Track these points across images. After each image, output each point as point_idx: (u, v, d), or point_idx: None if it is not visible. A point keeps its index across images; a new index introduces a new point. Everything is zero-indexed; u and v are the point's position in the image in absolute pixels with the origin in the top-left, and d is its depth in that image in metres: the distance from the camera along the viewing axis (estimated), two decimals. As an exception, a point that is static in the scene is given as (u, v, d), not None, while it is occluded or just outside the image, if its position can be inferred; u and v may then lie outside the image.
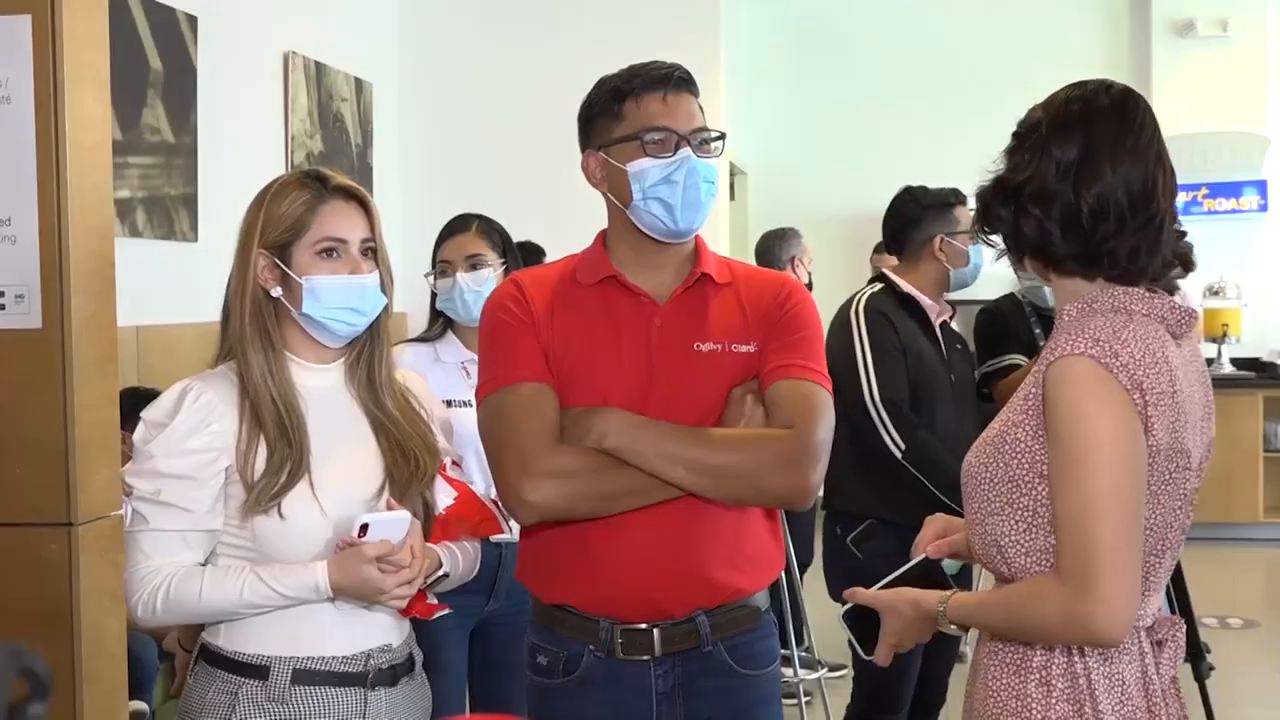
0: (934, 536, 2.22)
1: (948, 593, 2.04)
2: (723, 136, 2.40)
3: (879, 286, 3.85)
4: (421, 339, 3.52)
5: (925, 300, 3.82)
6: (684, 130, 2.32)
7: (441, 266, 3.48)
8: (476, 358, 3.39)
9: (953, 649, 3.95)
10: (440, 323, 3.51)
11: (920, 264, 3.84)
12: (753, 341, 2.35)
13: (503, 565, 3.21)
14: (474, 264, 3.43)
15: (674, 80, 2.33)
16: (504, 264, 3.49)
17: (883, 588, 2.14)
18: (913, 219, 3.85)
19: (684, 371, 2.31)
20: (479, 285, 3.40)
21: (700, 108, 2.38)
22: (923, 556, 2.18)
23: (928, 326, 3.82)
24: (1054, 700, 1.93)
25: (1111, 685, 1.93)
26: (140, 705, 4.18)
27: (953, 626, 2.04)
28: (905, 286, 3.81)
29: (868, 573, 2.51)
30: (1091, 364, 1.85)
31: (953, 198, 3.88)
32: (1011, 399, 1.99)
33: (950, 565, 2.21)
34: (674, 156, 2.30)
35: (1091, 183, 1.91)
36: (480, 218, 3.56)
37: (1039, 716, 1.94)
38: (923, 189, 3.93)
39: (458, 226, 3.54)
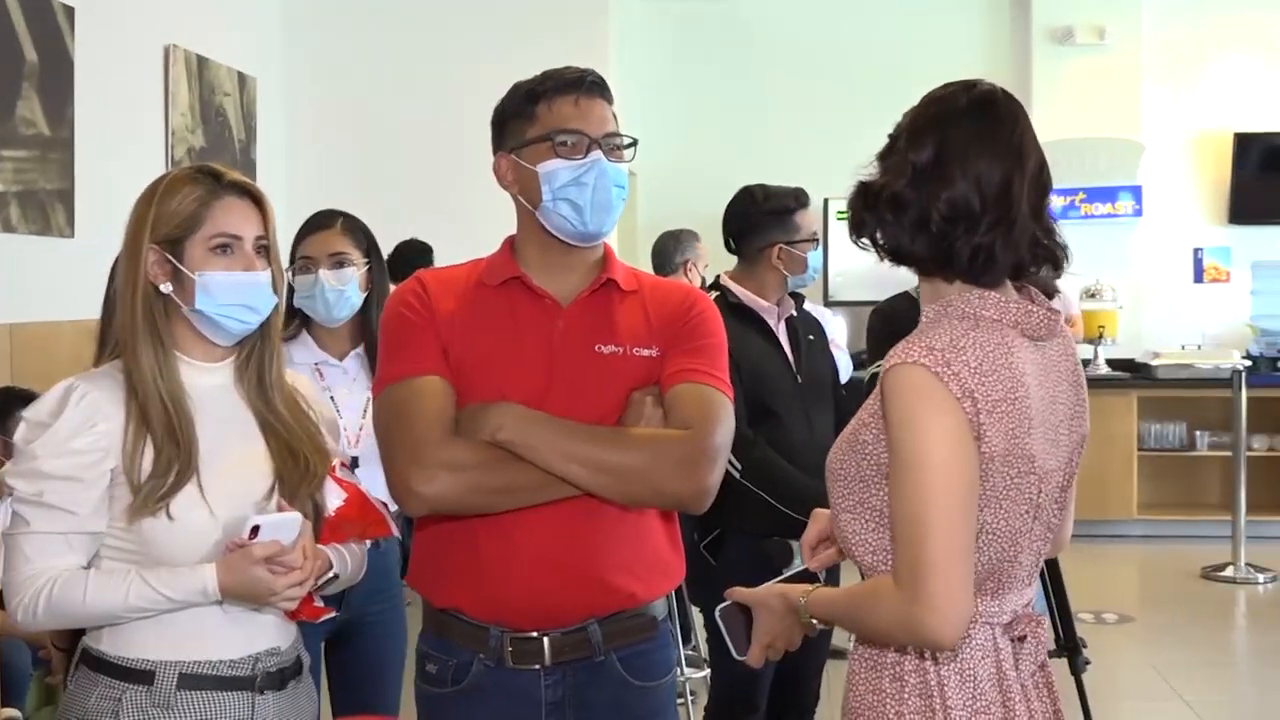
0: (818, 535, 2.24)
1: (811, 586, 2.06)
2: (635, 143, 2.39)
3: (712, 295, 3.70)
4: None
5: (761, 304, 3.74)
6: (596, 134, 2.32)
7: (302, 263, 3.33)
8: (331, 360, 3.36)
9: (823, 649, 3.94)
10: (295, 323, 3.36)
11: (757, 269, 3.76)
12: (655, 346, 2.34)
13: None
14: (338, 262, 3.31)
15: (587, 84, 2.33)
16: (368, 264, 3.40)
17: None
18: (752, 224, 3.76)
19: (584, 372, 2.30)
20: (342, 284, 3.29)
21: (614, 114, 2.38)
22: (803, 568, 2.20)
23: (767, 330, 3.75)
24: (906, 695, 1.96)
25: (962, 681, 1.96)
26: (13, 712, 4.08)
27: (814, 620, 2.06)
28: (739, 295, 3.74)
29: (721, 579, 2.53)
30: (923, 372, 1.87)
31: (794, 201, 3.79)
32: (869, 401, 2.01)
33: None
34: (585, 159, 2.30)
35: (942, 187, 1.93)
36: (345, 215, 3.44)
37: (893, 712, 1.97)
38: (764, 189, 3.82)
39: (321, 222, 3.40)
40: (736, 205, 3.85)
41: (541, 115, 2.32)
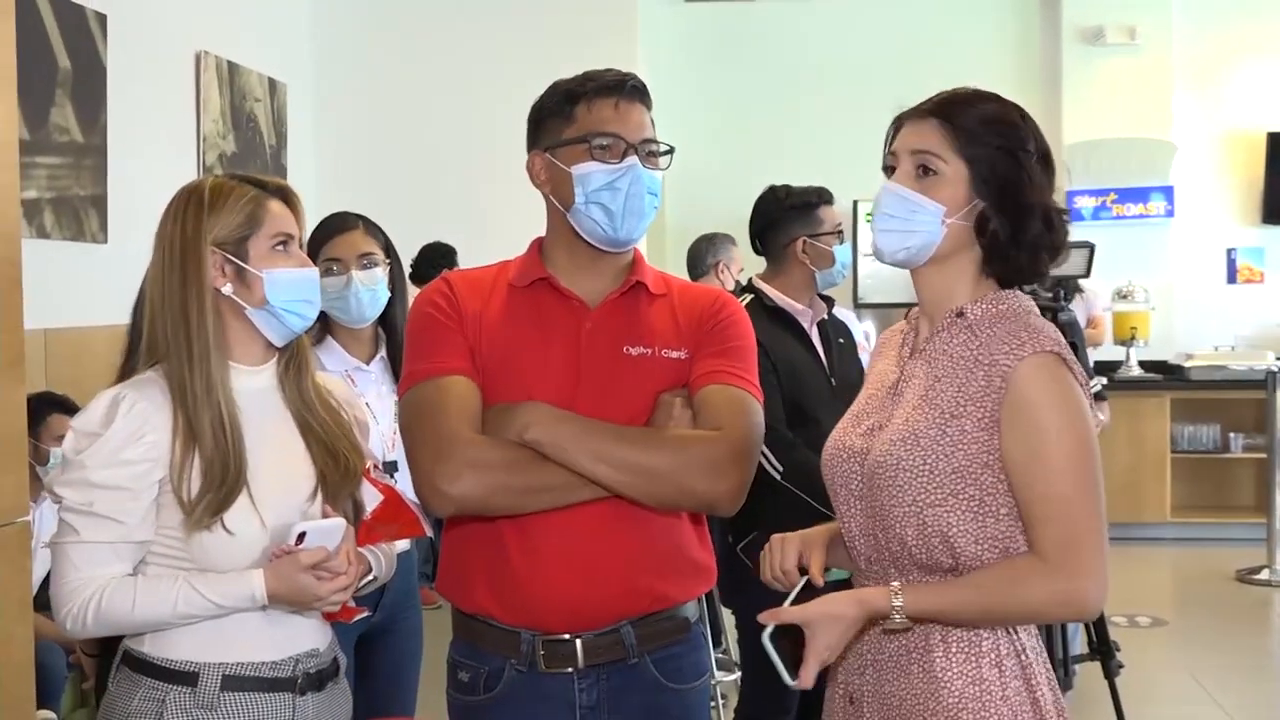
0: (795, 559, 2.22)
1: (896, 585, 2.02)
2: (671, 150, 2.37)
3: (748, 299, 3.73)
4: None
5: (795, 307, 3.74)
6: (633, 139, 2.30)
7: (328, 265, 3.31)
8: (361, 365, 3.36)
9: None
10: (317, 327, 3.26)
11: (784, 267, 3.76)
12: (684, 348, 2.33)
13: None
14: (367, 262, 3.33)
15: (628, 88, 2.32)
16: (389, 264, 3.41)
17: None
18: (773, 220, 3.78)
19: (612, 374, 2.29)
20: (373, 284, 3.30)
21: (652, 120, 2.36)
22: (805, 580, 2.17)
23: (801, 333, 3.75)
24: (1007, 679, 2.01)
25: (1037, 655, 2.06)
26: (48, 714, 4.11)
27: (898, 620, 2.02)
28: (773, 297, 3.74)
29: (756, 582, 2.50)
30: (1057, 360, 1.98)
31: (816, 197, 3.80)
32: (930, 393, 2.05)
33: (838, 573, 2.21)
34: (620, 164, 2.28)
35: (1050, 194, 2.08)
36: (361, 217, 3.45)
37: (998, 696, 2.00)
38: (786, 188, 3.85)
39: (343, 225, 3.40)
40: (760, 204, 3.88)
41: (580, 117, 2.30)
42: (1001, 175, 2.04)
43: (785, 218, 3.77)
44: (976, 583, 1.99)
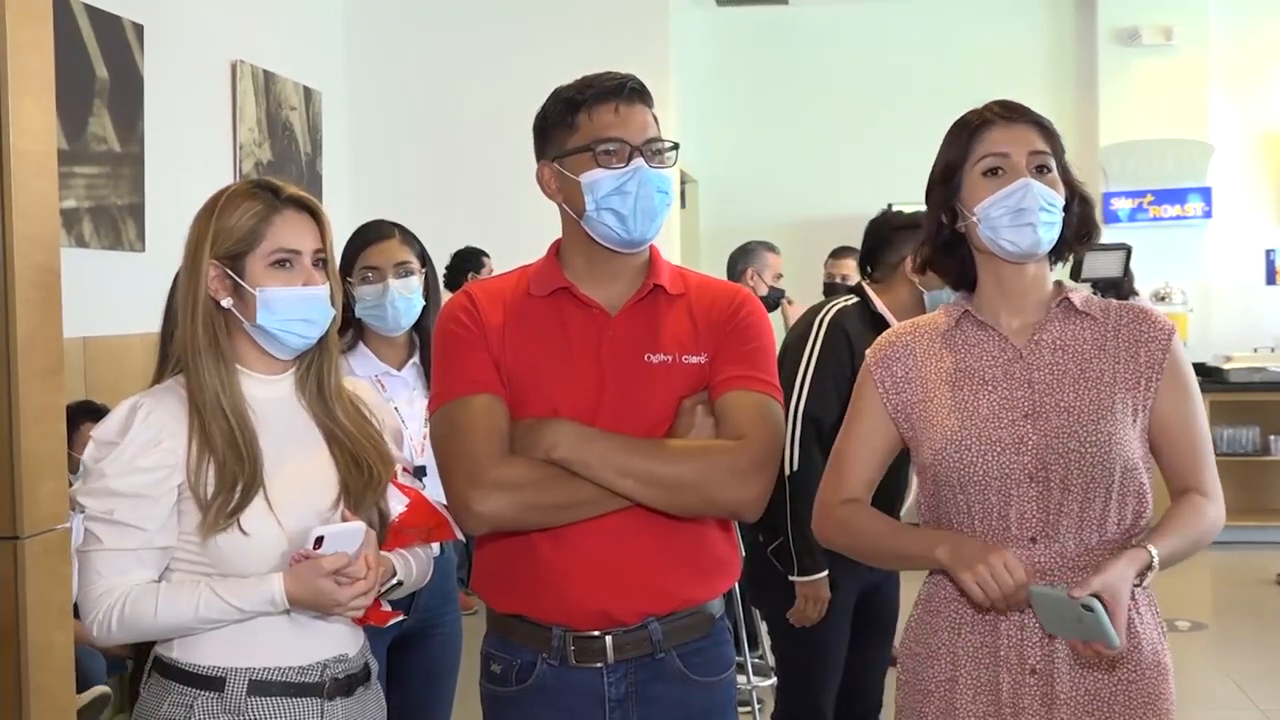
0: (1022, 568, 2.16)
1: (1148, 545, 2.19)
2: (676, 146, 2.39)
3: (853, 301, 3.78)
4: None
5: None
6: (637, 141, 2.31)
7: (364, 273, 3.36)
8: (392, 370, 3.38)
9: (886, 656, 3.91)
10: (351, 334, 3.39)
11: (893, 285, 3.78)
12: (703, 353, 2.36)
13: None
14: (404, 271, 3.36)
15: (627, 91, 2.33)
16: (425, 272, 3.44)
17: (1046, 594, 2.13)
18: (884, 239, 3.82)
19: (634, 382, 2.32)
20: (409, 292, 3.34)
21: (655, 118, 2.37)
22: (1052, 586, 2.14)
23: None
24: (1159, 616, 2.39)
25: None
26: (103, 689, 4.15)
27: (1150, 574, 2.22)
28: (879, 306, 3.75)
29: (786, 583, 2.51)
30: None
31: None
32: (1086, 374, 2.28)
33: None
34: (626, 167, 2.30)
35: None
36: (397, 225, 3.49)
37: (1162, 633, 2.36)
38: (898, 213, 3.96)
39: (381, 233, 3.43)
40: (870, 226, 3.95)
41: (582, 124, 2.32)
42: (1065, 170, 2.32)
43: (895, 237, 3.80)
44: (1186, 522, 2.27)
